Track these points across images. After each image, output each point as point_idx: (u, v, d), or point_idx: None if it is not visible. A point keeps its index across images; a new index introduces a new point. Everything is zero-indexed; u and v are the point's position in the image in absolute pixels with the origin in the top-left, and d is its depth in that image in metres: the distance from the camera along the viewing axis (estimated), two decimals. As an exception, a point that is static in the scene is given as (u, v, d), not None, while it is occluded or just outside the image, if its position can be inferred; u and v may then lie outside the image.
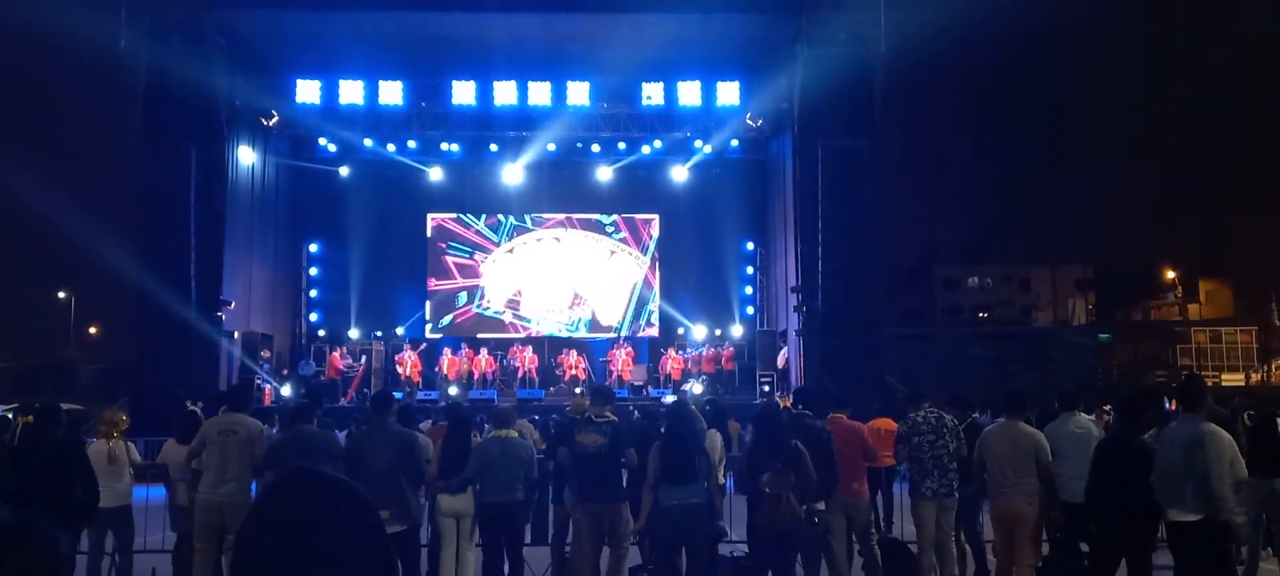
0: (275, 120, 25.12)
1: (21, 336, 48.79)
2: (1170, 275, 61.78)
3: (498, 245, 28.41)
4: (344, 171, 27.40)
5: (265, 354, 24.78)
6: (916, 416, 9.26)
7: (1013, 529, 8.34)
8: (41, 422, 8.07)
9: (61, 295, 49.34)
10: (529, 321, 28.04)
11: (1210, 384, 37.11)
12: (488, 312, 28.19)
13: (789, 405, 14.12)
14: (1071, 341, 42.61)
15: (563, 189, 27.87)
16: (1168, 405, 11.69)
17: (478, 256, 28.38)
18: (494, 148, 26.65)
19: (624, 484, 8.74)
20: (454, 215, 28.38)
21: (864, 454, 9.19)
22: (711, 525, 8.02)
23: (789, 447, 8.04)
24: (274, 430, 10.99)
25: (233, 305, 23.15)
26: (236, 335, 23.66)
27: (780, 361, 24.80)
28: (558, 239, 28.61)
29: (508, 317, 28.16)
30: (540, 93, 24.21)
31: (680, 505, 7.78)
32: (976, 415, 9.92)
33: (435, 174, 27.30)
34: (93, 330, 51.11)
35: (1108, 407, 14.20)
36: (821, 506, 8.62)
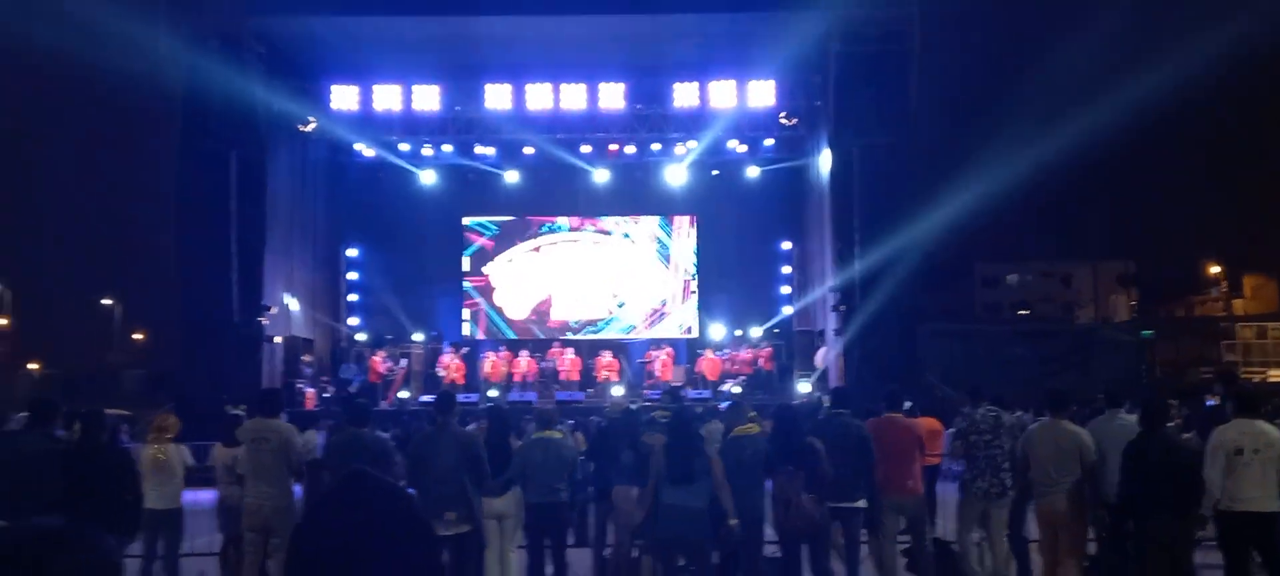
0: (313, 125, 25.36)
1: (69, 343, 49.61)
2: (1214, 270, 60.85)
3: (532, 248, 28.52)
4: (380, 176, 27.62)
5: (307, 358, 25.04)
6: (975, 414, 9.13)
7: (1057, 528, 8.27)
8: (87, 429, 8.20)
9: (106, 302, 50.09)
10: (564, 328, 28.11)
11: (1255, 380, 36.50)
12: (518, 317, 28.29)
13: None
14: (1113, 338, 42.04)
15: (596, 190, 27.90)
16: (1210, 402, 11.47)
17: (512, 258, 28.50)
18: (528, 150, 26.75)
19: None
20: (488, 217, 28.53)
21: (920, 452, 9.15)
22: (712, 528, 7.93)
23: (800, 447, 8.02)
24: (321, 434, 11.08)
25: (274, 311, 23.40)
26: (278, 339, 23.91)
27: (819, 361, 24.71)
28: (592, 241, 28.68)
29: (539, 320, 28.26)
30: (574, 95, 24.28)
31: (681, 506, 7.76)
32: (1019, 414, 9.82)
33: (470, 177, 27.47)
34: (137, 336, 51.84)
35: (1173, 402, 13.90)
36: (862, 504, 8.60)
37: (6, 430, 8.92)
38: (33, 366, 45.22)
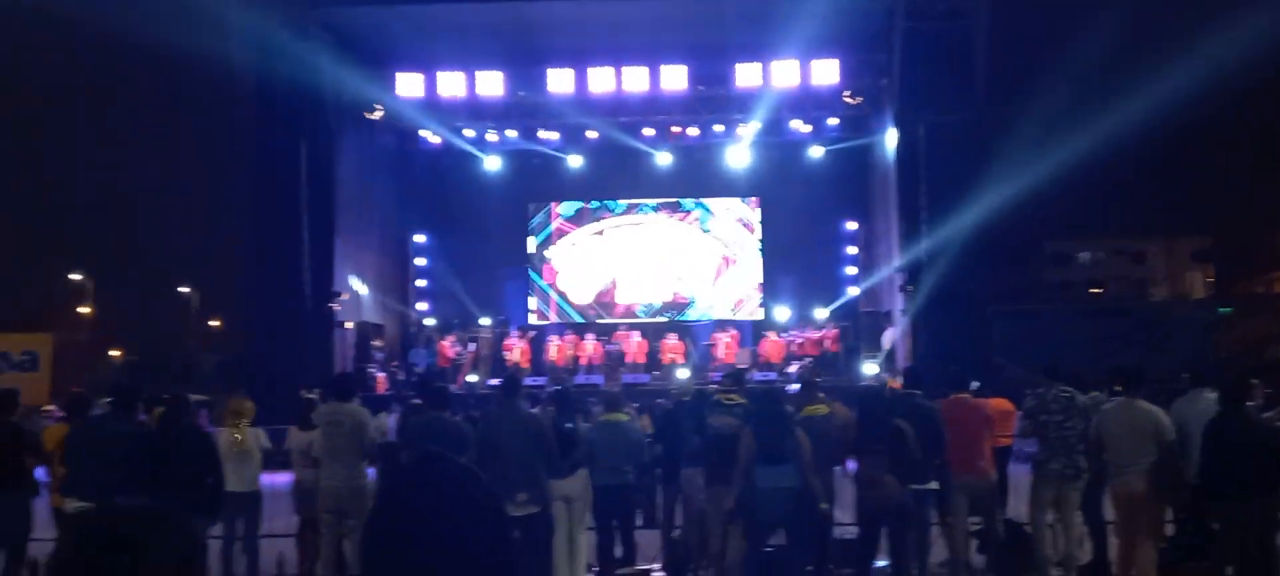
0: (379, 113, 25.68)
1: (148, 331, 50.95)
2: (1294, 245, 58.96)
3: (596, 232, 28.64)
4: (445, 162, 27.93)
5: (377, 343, 25.43)
6: (1047, 394, 8.95)
7: (1133, 509, 8.10)
8: (172, 413, 8.43)
9: (183, 290, 51.32)
10: (629, 312, 28.20)
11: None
12: (583, 301, 28.44)
13: (896, 386, 13.95)
14: (1188, 316, 41.05)
15: (661, 173, 27.90)
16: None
17: (575, 242, 28.64)
18: (591, 134, 26.81)
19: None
20: (553, 202, 28.69)
21: (989, 432, 9.05)
22: (805, 507, 7.96)
23: (889, 428, 7.97)
24: (392, 417, 11.26)
25: (345, 296, 23.80)
26: (349, 325, 24.32)
27: (886, 342, 24.48)
28: (656, 224, 28.71)
29: (603, 303, 28.38)
30: (636, 78, 24.27)
31: (774, 488, 7.78)
32: (1094, 394, 9.64)
33: (534, 162, 27.66)
34: (214, 323, 53.06)
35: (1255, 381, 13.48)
36: (934, 486, 8.53)
37: (92, 415, 9.20)
38: (114, 353, 46.54)
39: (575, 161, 27.72)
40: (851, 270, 28.20)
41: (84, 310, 47.45)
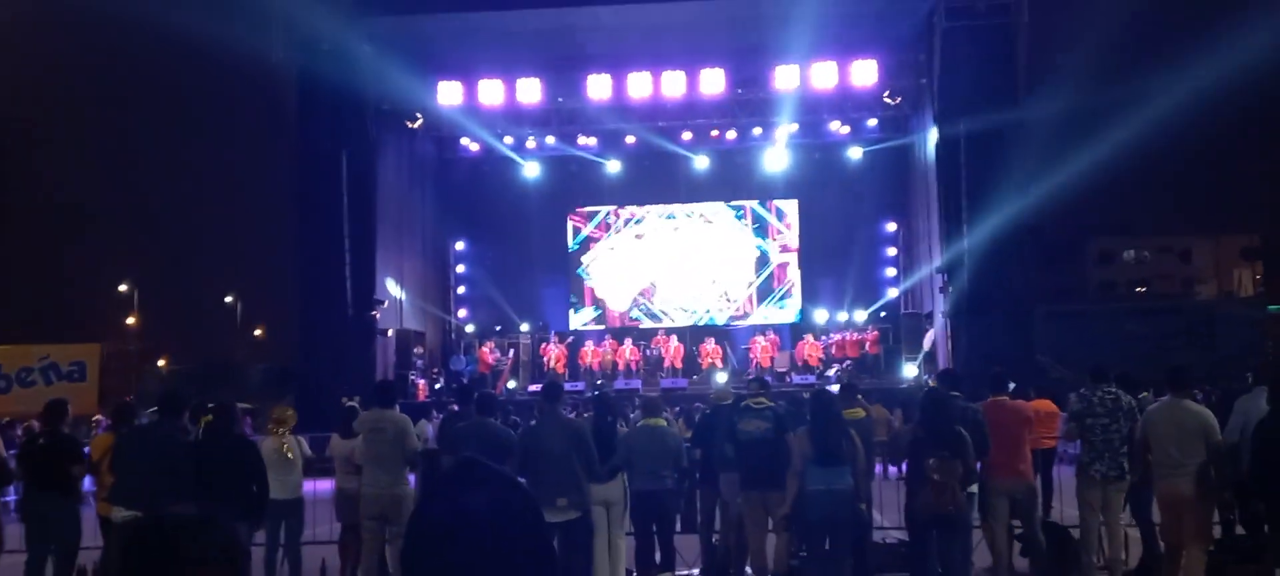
0: (420, 122, 25.87)
1: (193, 340, 51.62)
2: (1346, 241, 57.75)
3: (635, 237, 28.66)
4: (485, 169, 28.10)
5: (418, 350, 25.62)
6: (1093, 395, 8.81)
7: (1181, 511, 7.94)
8: (218, 421, 8.54)
9: (228, 299, 51.95)
10: (660, 316, 28.15)
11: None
12: (621, 307, 28.45)
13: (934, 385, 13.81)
14: (1236, 314, 40.38)
15: (698, 177, 27.89)
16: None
17: (614, 246, 28.67)
18: (630, 139, 26.84)
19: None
20: (592, 207, 28.76)
21: (1029, 434, 8.94)
22: (857, 510, 7.94)
23: (954, 434, 7.89)
24: (431, 425, 11.31)
25: (386, 304, 24.00)
26: (390, 332, 24.51)
27: (927, 343, 24.30)
28: (695, 227, 28.65)
29: (642, 309, 28.37)
30: (674, 82, 24.26)
31: (827, 490, 7.75)
32: (1144, 394, 9.47)
33: (573, 167, 27.76)
34: (258, 332, 53.66)
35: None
36: (973, 489, 8.46)
37: (138, 424, 9.33)
38: (161, 363, 47.21)
39: (614, 167, 27.76)
40: (891, 271, 28.02)
41: (130, 320, 48.16)
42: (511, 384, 24.92)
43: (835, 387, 12.91)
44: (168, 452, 7.85)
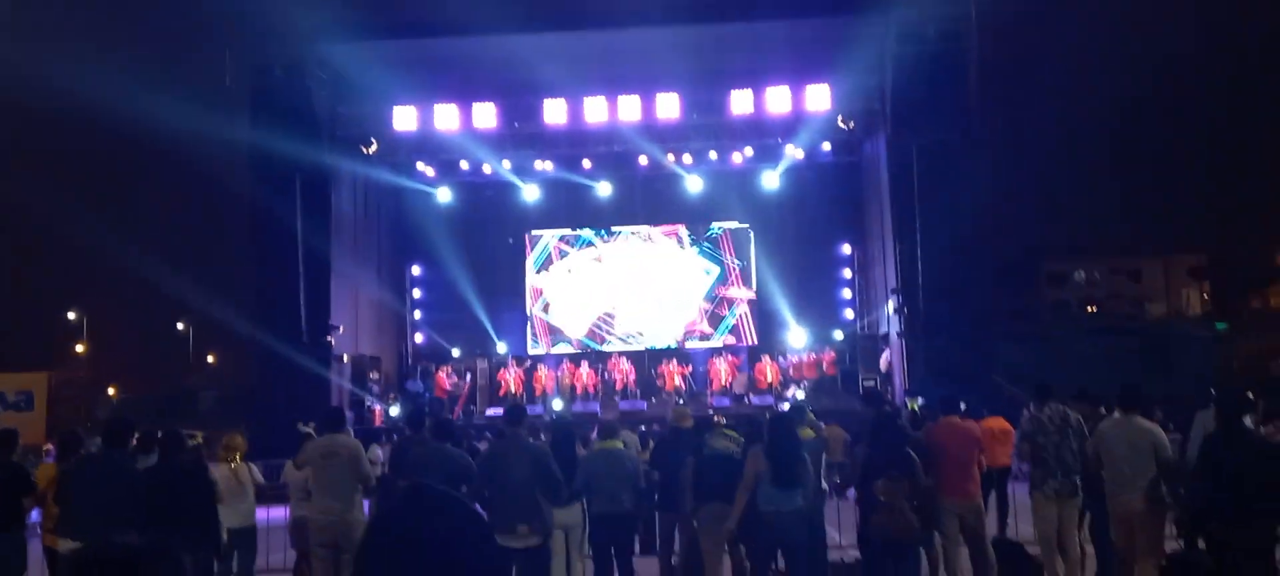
0: (375, 147, 25.73)
1: (147, 366, 50.80)
2: (1290, 260, 58.98)
3: (592, 259, 28.62)
4: (442, 194, 27.99)
5: (374, 375, 25.40)
6: (1041, 414, 8.92)
7: (1133, 526, 8.06)
8: (167, 449, 8.39)
9: (180, 326, 51.23)
10: (622, 339, 28.11)
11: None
12: (578, 332, 28.34)
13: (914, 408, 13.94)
14: (1187, 334, 41.12)
15: (654, 201, 27.99)
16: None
17: (571, 269, 28.62)
18: (586, 164, 26.87)
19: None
20: (547, 231, 28.69)
21: (979, 454, 9.03)
22: (809, 531, 7.98)
23: (904, 456, 7.96)
24: (382, 449, 11.20)
25: (341, 330, 23.78)
26: (346, 358, 24.29)
27: (883, 364, 24.48)
28: (650, 252, 28.67)
29: (602, 332, 28.32)
30: (630, 107, 24.29)
31: (778, 511, 7.78)
32: (1103, 410, 9.59)
33: (530, 192, 27.74)
34: (210, 358, 52.94)
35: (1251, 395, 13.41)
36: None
37: (87, 453, 9.15)
38: (111, 391, 46.41)
39: (570, 190, 27.75)
40: (847, 293, 28.21)
41: (80, 348, 47.35)
42: (469, 408, 24.76)
43: (785, 407, 13.01)
44: (114, 482, 7.70)
